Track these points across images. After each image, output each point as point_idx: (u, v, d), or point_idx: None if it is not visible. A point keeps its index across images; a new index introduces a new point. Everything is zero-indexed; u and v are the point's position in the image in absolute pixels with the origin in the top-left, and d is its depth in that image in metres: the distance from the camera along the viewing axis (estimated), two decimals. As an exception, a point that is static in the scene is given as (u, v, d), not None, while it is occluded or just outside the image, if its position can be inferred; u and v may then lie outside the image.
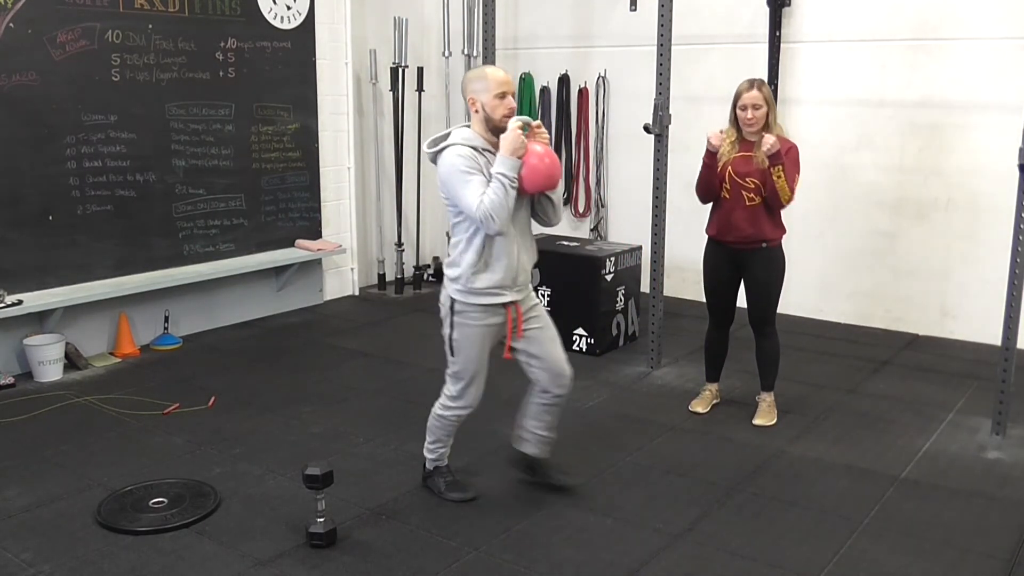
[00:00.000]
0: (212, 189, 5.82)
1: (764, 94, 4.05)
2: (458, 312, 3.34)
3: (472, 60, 7.01)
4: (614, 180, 6.96)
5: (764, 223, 4.15)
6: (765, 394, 4.46)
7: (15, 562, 3.10)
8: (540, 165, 3.18)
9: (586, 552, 3.18)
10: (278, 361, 5.36)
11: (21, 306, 4.83)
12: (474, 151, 3.20)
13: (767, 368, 4.42)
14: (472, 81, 3.26)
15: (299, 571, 3.06)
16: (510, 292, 3.33)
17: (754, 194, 4.11)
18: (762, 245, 4.18)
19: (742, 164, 4.13)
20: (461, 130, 3.29)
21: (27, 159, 4.92)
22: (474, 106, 3.24)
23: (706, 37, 6.30)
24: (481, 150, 3.22)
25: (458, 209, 3.23)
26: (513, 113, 3.23)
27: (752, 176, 4.10)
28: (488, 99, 3.20)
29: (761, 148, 3.99)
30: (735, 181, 4.13)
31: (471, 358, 3.38)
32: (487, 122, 3.23)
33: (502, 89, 3.21)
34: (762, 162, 4.03)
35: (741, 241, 4.19)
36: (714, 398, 4.61)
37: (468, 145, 3.21)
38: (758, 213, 4.14)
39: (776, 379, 4.44)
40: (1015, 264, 4.03)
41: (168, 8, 5.42)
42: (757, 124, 4.06)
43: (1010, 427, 4.25)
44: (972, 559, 3.16)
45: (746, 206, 4.14)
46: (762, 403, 4.44)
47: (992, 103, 5.41)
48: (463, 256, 3.29)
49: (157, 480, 3.70)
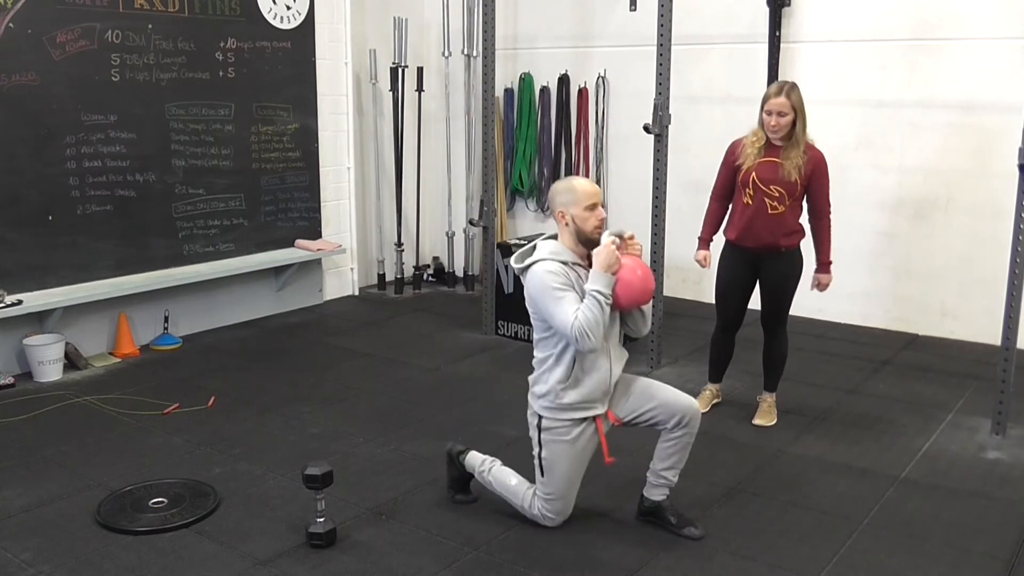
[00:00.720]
0: (212, 189, 5.82)
1: (792, 100, 3.92)
2: (546, 429, 3.22)
3: (472, 60, 7.00)
4: (614, 180, 6.96)
5: (786, 230, 4.09)
6: (767, 394, 4.43)
7: (15, 562, 3.10)
8: (634, 279, 3.10)
9: (586, 552, 3.18)
10: (278, 361, 5.35)
11: (21, 306, 4.83)
12: (564, 266, 3.11)
13: (773, 368, 4.38)
14: (560, 194, 3.17)
15: (299, 571, 3.06)
16: (601, 405, 3.22)
17: (778, 203, 4.02)
18: (781, 250, 4.12)
19: (768, 171, 4.02)
20: (548, 243, 3.20)
21: (27, 159, 4.92)
22: (563, 219, 3.15)
23: (706, 37, 6.30)
24: (571, 264, 3.13)
25: (546, 324, 3.14)
26: (604, 225, 3.15)
27: (777, 184, 4.00)
28: (578, 212, 3.11)
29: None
30: (759, 188, 4.04)
31: (563, 475, 3.23)
32: (578, 235, 3.14)
33: (592, 200, 3.12)
34: (789, 174, 3.96)
35: (761, 247, 4.13)
36: (714, 398, 4.60)
37: (558, 260, 3.12)
38: (780, 221, 4.06)
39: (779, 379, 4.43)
40: (1015, 264, 4.03)
41: (168, 8, 5.41)
42: (780, 132, 3.97)
43: (1010, 427, 4.25)
44: (972, 559, 3.16)
45: (768, 214, 4.05)
46: (763, 403, 4.42)
47: (992, 103, 5.41)
48: (552, 373, 3.18)
49: (157, 480, 3.70)
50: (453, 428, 4.30)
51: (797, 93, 3.96)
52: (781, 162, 3.98)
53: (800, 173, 4.00)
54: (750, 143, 4.07)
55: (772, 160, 4.01)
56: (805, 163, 4.00)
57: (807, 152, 4.01)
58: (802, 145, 4.00)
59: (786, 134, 3.97)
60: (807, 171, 4.02)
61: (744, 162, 4.06)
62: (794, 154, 3.98)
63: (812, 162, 4.01)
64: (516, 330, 5.75)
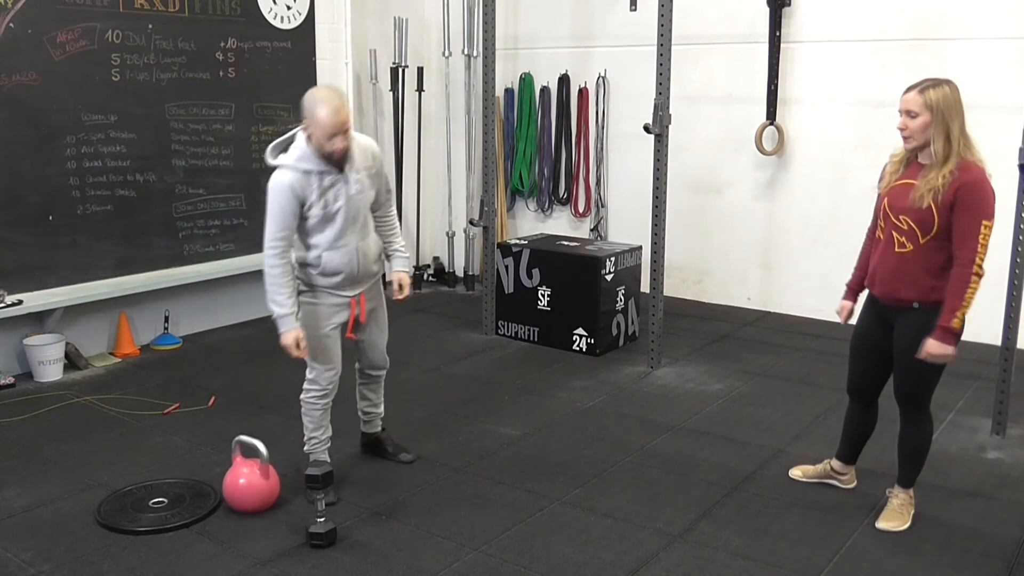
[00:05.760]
0: (212, 189, 5.82)
1: (928, 99, 3.02)
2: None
3: (472, 60, 7.01)
4: (614, 180, 6.96)
5: (917, 278, 3.15)
6: (899, 490, 3.44)
7: (15, 562, 3.10)
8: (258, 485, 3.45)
9: (586, 552, 3.18)
10: (278, 361, 5.32)
11: (21, 306, 4.83)
12: (307, 175, 3.30)
13: (907, 460, 3.42)
14: (307, 110, 3.27)
15: (299, 571, 3.06)
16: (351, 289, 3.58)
17: (907, 239, 3.13)
18: (913, 305, 3.19)
19: (900, 195, 3.14)
20: (300, 142, 3.34)
21: (27, 159, 4.92)
22: (307, 132, 3.28)
23: (706, 37, 6.30)
24: (315, 172, 3.30)
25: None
26: (348, 153, 3.30)
27: (906, 215, 3.11)
28: (320, 137, 3.23)
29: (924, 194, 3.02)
30: (888, 218, 3.19)
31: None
32: (317, 151, 3.27)
33: (333, 132, 3.21)
34: (921, 199, 3.05)
35: (887, 297, 3.26)
36: (825, 475, 3.71)
37: (301, 170, 3.31)
38: (910, 263, 3.15)
39: (917, 475, 3.45)
40: (1015, 264, 4.03)
41: (168, 8, 5.42)
42: (911, 140, 3.10)
43: (1010, 427, 4.25)
44: (972, 559, 3.16)
45: (895, 252, 3.17)
46: (893, 500, 3.44)
47: (992, 103, 5.41)
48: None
49: (157, 480, 3.70)
50: (453, 428, 4.31)
51: (942, 91, 3.03)
52: (916, 183, 3.10)
53: (937, 199, 3.03)
54: (891, 160, 3.27)
55: (908, 182, 3.14)
56: (947, 185, 3.02)
57: (957, 172, 3.04)
58: (951, 163, 3.04)
59: (921, 144, 3.10)
60: (946, 197, 3.02)
61: (883, 184, 3.28)
62: (934, 174, 3.05)
63: (957, 185, 3.02)
64: (516, 330, 5.76)
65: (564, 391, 4.82)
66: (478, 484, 3.70)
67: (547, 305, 5.59)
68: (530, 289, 5.65)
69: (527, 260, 5.65)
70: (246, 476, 3.42)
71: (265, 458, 3.43)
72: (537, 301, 5.62)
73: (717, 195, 6.50)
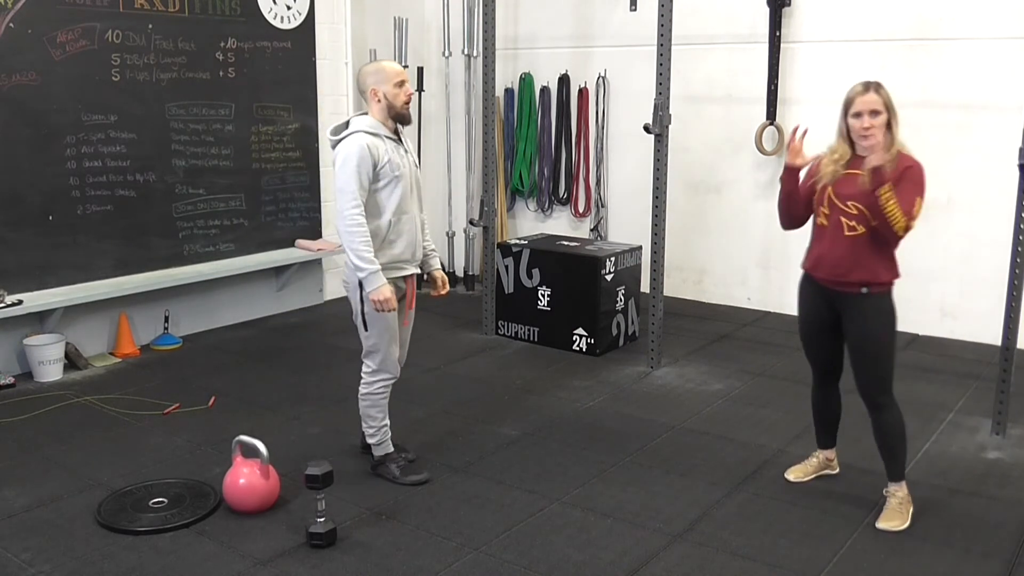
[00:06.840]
0: (212, 189, 5.82)
1: (883, 97, 3.24)
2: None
3: (472, 60, 7.01)
4: (614, 180, 6.96)
5: (867, 260, 3.31)
6: (893, 486, 3.46)
7: (15, 562, 3.10)
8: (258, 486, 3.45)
9: (586, 552, 3.18)
10: (278, 361, 5.36)
11: (21, 306, 4.83)
12: (378, 138, 3.46)
13: (887, 451, 3.46)
14: (370, 75, 3.51)
15: (299, 571, 3.06)
16: (410, 266, 3.69)
17: (856, 222, 3.28)
18: (861, 291, 3.33)
19: (846, 184, 3.30)
20: (363, 118, 3.52)
21: (27, 159, 4.92)
22: (376, 96, 3.49)
23: (706, 37, 6.30)
24: (384, 137, 3.49)
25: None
26: (410, 100, 3.54)
27: (856, 200, 3.27)
28: (389, 88, 3.48)
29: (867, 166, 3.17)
30: (835, 205, 3.33)
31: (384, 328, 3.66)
32: (389, 109, 3.50)
33: (400, 78, 3.50)
34: (864, 182, 3.20)
35: (836, 281, 3.37)
36: (823, 467, 3.81)
37: (372, 133, 3.45)
38: (860, 246, 3.30)
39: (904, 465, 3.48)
40: (1015, 264, 4.03)
41: (168, 8, 5.42)
42: (877, 135, 3.23)
43: (1010, 427, 4.25)
44: (972, 559, 3.16)
45: (845, 236, 3.31)
46: (891, 499, 3.45)
47: (992, 103, 5.41)
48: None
49: (157, 480, 3.70)
50: (453, 428, 4.31)
51: (885, 90, 3.29)
52: (861, 171, 3.24)
53: (874, 179, 3.17)
54: (829, 159, 3.38)
55: (853, 172, 3.29)
56: (894, 170, 3.20)
57: (899, 158, 3.24)
58: (894, 150, 3.25)
59: (880, 141, 3.23)
60: (892, 177, 3.18)
61: (820, 181, 3.39)
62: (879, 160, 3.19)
63: (903, 168, 3.22)
64: (516, 330, 5.76)
65: (564, 391, 4.82)
66: (478, 484, 3.70)
67: (547, 305, 5.59)
68: (530, 289, 5.65)
69: (527, 260, 5.65)
70: (246, 476, 3.42)
71: (265, 458, 3.43)
72: (537, 301, 5.62)
73: (717, 195, 6.50)
